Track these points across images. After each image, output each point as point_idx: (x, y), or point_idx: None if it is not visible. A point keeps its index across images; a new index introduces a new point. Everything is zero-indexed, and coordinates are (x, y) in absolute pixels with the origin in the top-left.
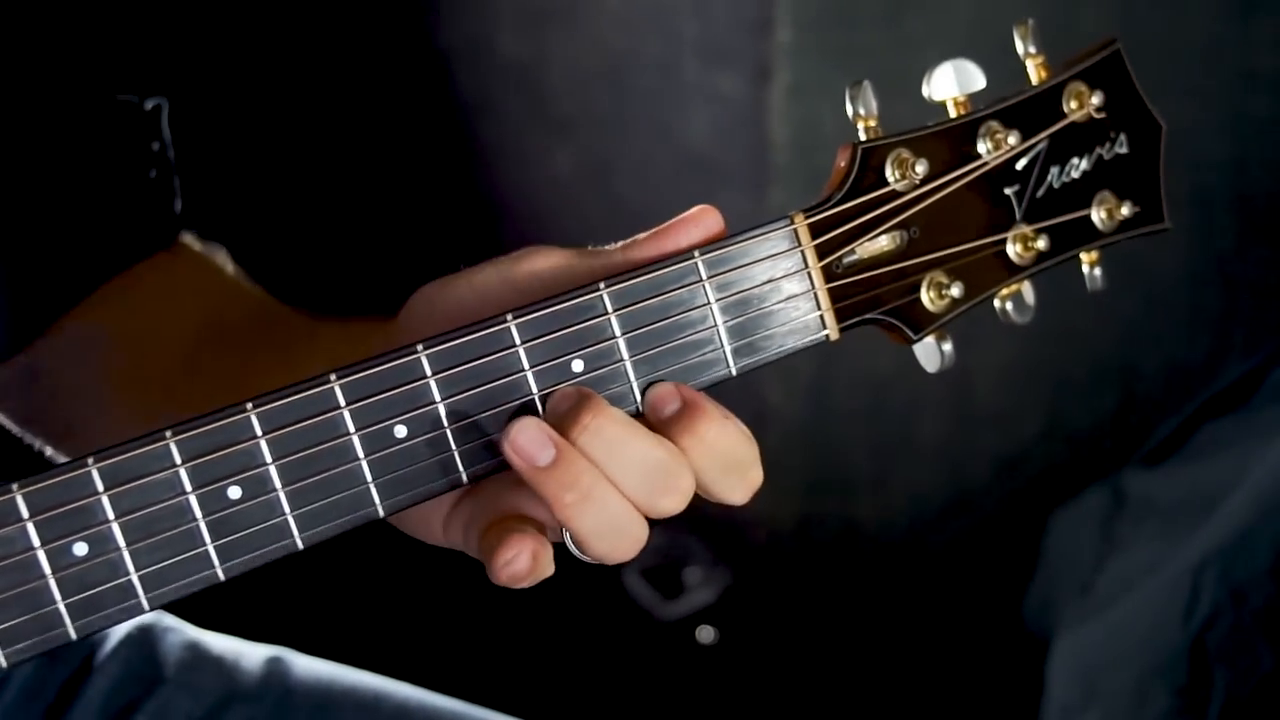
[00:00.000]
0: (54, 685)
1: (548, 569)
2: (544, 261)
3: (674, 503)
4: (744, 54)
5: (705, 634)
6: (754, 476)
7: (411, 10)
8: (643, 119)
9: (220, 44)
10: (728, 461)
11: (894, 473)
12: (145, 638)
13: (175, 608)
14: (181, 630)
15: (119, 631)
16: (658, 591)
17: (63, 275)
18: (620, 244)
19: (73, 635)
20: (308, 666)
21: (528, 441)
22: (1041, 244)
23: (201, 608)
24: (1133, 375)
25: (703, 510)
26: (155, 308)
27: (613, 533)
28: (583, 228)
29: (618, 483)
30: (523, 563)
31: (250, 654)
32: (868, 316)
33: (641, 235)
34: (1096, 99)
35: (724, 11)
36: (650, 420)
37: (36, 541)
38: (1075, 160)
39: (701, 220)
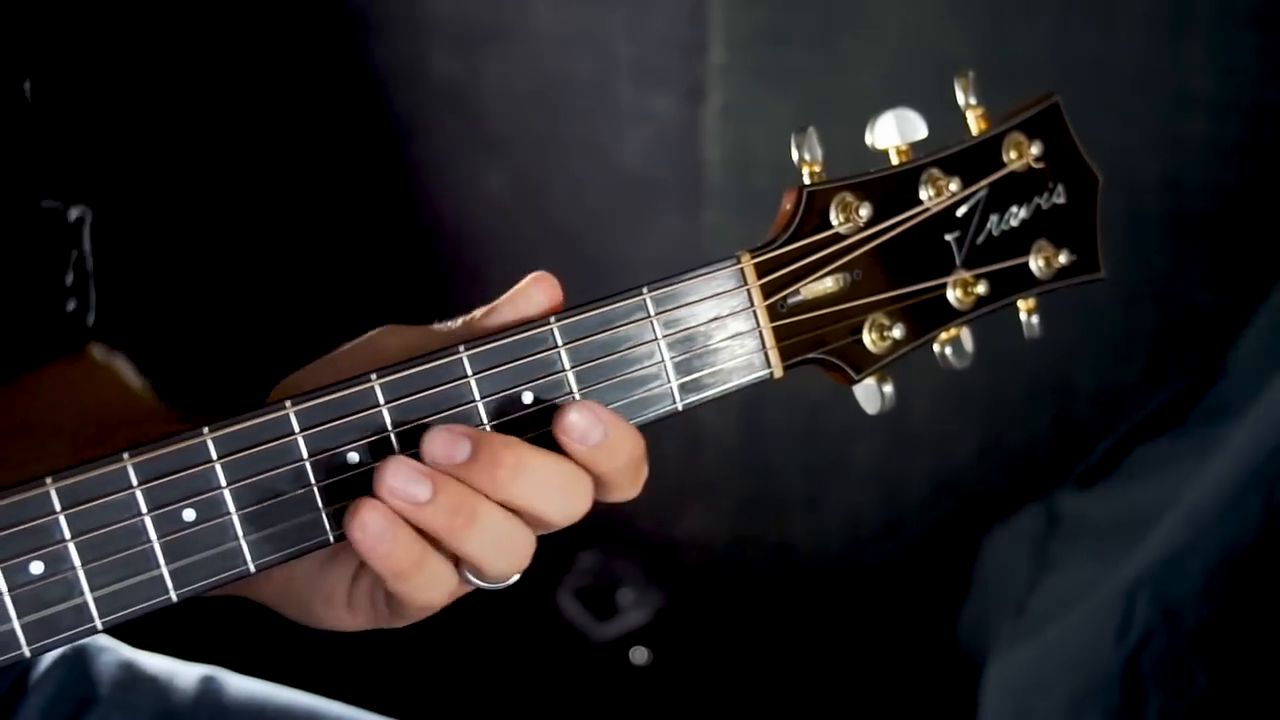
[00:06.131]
0: None
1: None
2: (394, 340)
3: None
4: (677, 75)
5: (639, 655)
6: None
7: (345, 31)
8: (577, 140)
9: (155, 66)
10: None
11: (828, 494)
12: (79, 657)
13: (114, 629)
14: (115, 650)
15: (53, 652)
16: (591, 613)
17: None
18: (462, 319)
19: (27, 654)
20: (241, 686)
21: (404, 480)
22: (981, 289)
23: (135, 628)
24: (1067, 396)
25: (635, 531)
26: (54, 407)
27: (508, 548)
28: (517, 248)
29: (529, 506)
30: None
31: (184, 673)
32: (811, 356)
33: (479, 311)
34: (1035, 149)
35: (657, 33)
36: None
37: None
38: (1014, 209)
39: (536, 289)
